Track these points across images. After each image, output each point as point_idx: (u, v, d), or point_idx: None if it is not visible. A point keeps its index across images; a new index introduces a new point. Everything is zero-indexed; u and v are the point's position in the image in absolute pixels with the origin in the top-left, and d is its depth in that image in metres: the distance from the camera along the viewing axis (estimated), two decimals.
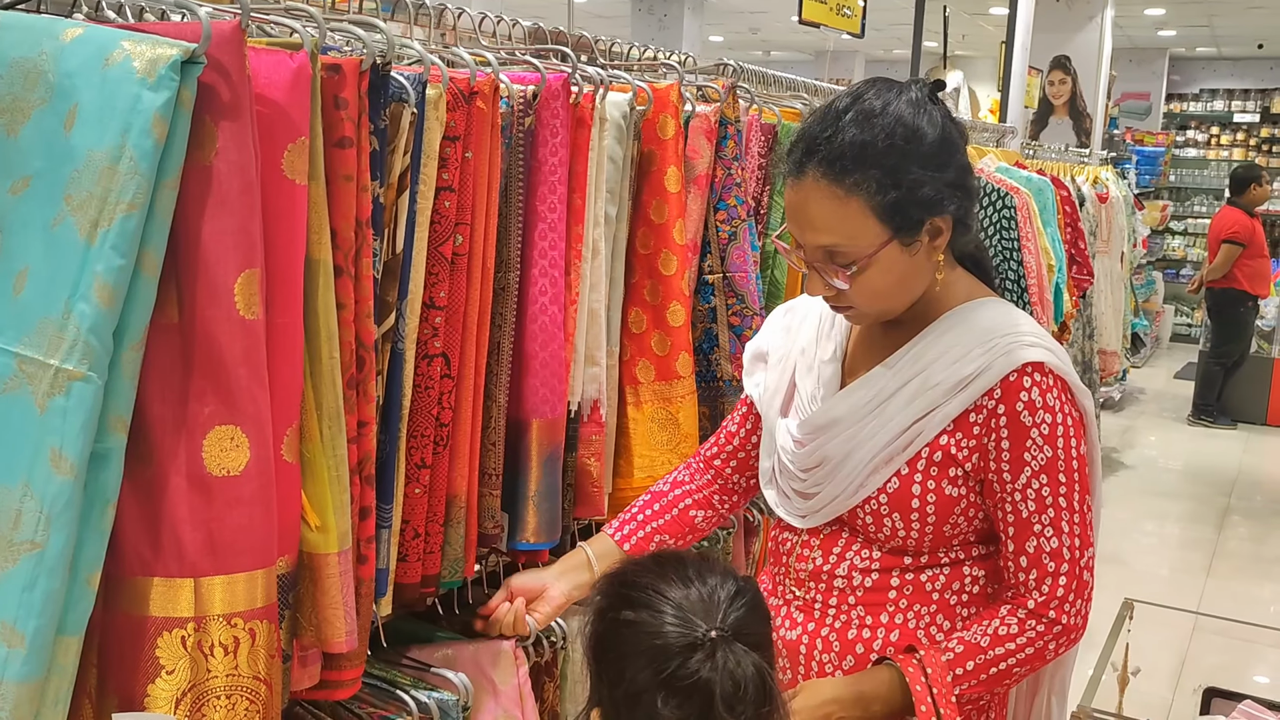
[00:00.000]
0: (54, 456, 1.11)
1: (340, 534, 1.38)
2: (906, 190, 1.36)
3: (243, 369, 1.22)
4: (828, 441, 1.49)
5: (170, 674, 1.24)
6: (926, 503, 1.43)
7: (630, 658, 1.11)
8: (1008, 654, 1.40)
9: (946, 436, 1.42)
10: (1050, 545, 1.40)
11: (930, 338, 1.47)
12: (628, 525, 1.75)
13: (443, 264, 1.58)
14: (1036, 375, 1.39)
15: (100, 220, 1.12)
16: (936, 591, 1.47)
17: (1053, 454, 1.39)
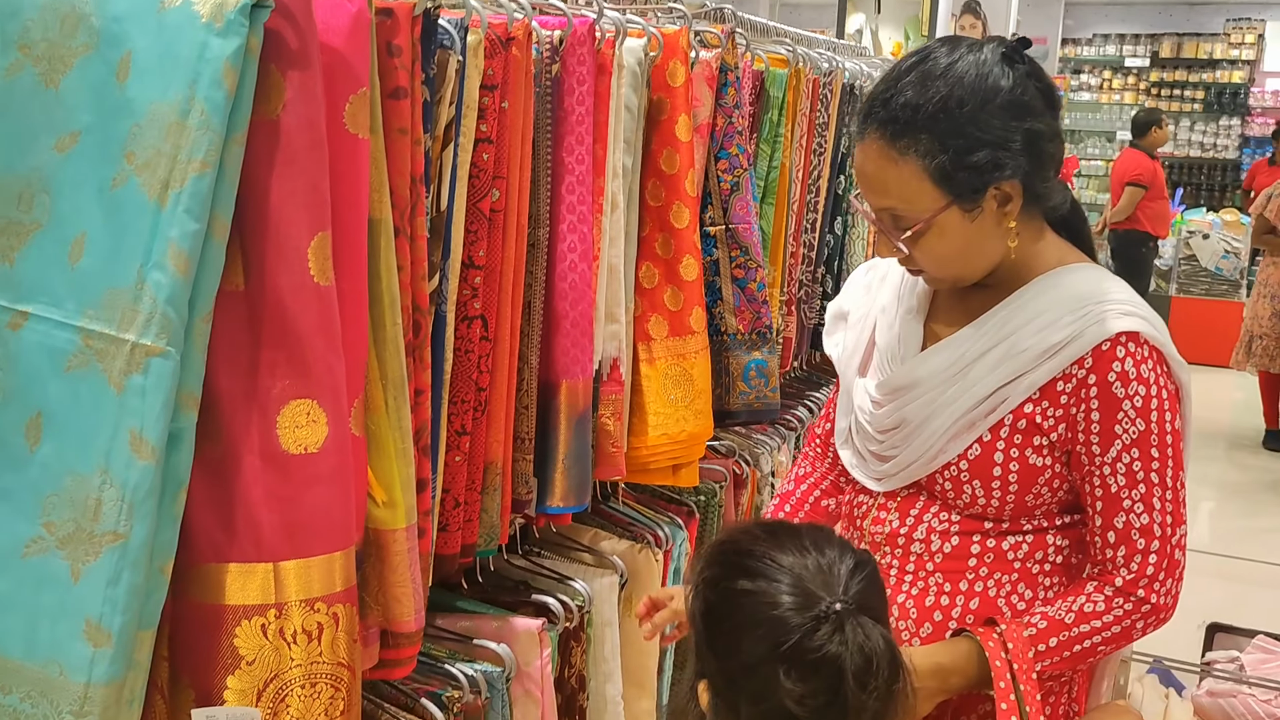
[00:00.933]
0: (134, 440, 1.02)
1: (407, 508, 1.31)
2: (957, 154, 1.32)
3: (319, 339, 1.14)
4: (908, 403, 1.44)
5: (250, 664, 1.16)
6: (1009, 471, 1.39)
7: (748, 629, 1.06)
8: (1093, 631, 1.36)
9: (1031, 405, 1.37)
10: (1140, 522, 1.35)
11: (1019, 302, 1.41)
12: None
13: (481, 221, 1.51)
14: (1131, 345, 1.33)
15: (171, 180, 1.03)
16: (1018, 560, 1.43)
17: (1145, 427, 1.33)
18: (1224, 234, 8.25)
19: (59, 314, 1.05)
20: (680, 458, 2.08)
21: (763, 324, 2.22)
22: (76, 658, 1.04)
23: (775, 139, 2.47)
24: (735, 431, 2.66)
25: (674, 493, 2.31)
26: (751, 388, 2.24)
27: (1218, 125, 12.18)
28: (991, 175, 1.34)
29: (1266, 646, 1.87)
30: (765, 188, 2.47)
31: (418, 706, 1.50)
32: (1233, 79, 12.12)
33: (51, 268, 1.06)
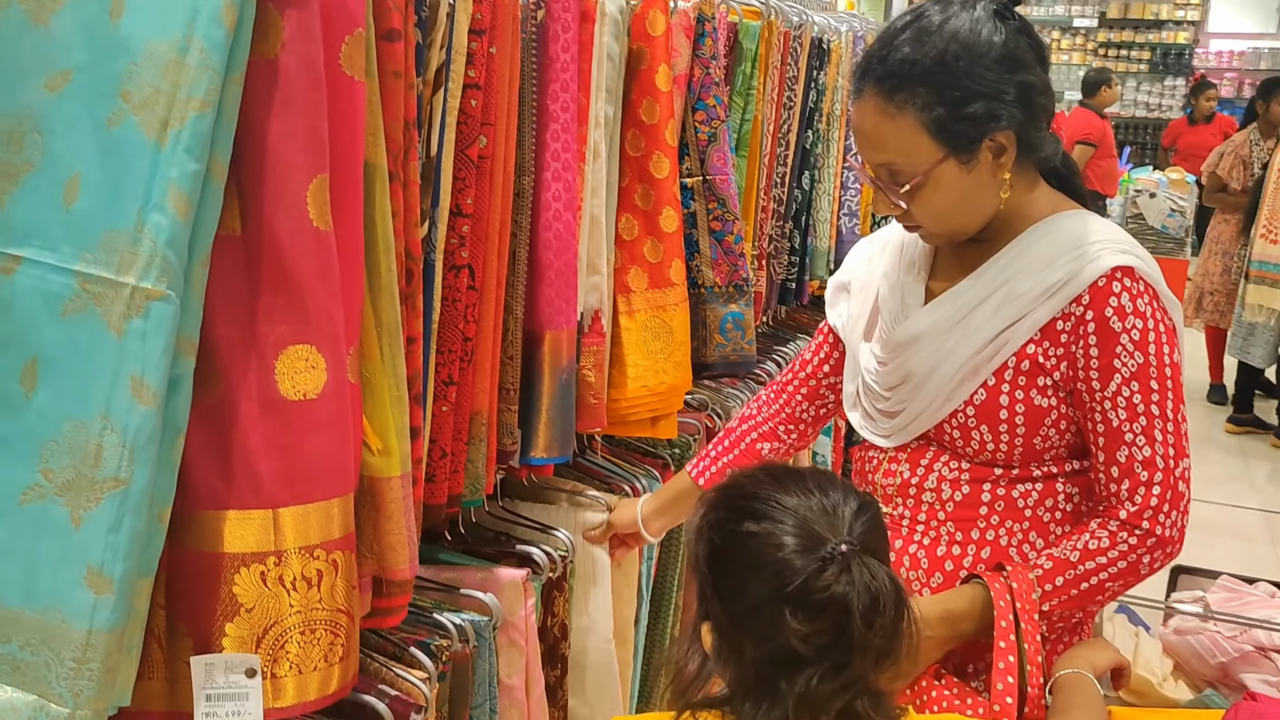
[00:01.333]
0: (135, 384, 1.01)
1: (402, 456, 1.30)
2: (951, 107, 1.35)
3: (317, 284, 1.13)
4: (911, 357, 1.47)
5: (249, 611, 1.16)
6: (1015, 414, 1.41)
7: (753, 570, 1.07)
8: (1099, 568, 1.37)
9: (1034, 345, 1.40)
10: (1143, 454, 1.36)
11: (1016, 250, 1.44)
12: (702, 463, 1.80)
13: (469, 168, 1.49)
14: (1126, 280, 1.36)
15: (170, 120, 1.00)
16: (1029, 508, 1.44)
17: (1144, 360, 1.35)
18: (1170, 192, 8.38)
19: (54, 258, 1.03)
20: (659, 410, 2.08)
21: (739, 276, 2.23)
22: (78, 605, 1.02)
23: (748, 92, 2.46)
24: (706, 386, 2.67)
25: (649, 446, 2.32)
26: (728, 340, 2.25)
27: (1163, 85, 12.35)
28: (987, 126, 1.37)
29: (1230, 586, 1.93)
30: (738, 141, 2.47)
31: (407, 655, 1.49)
32: (1178, 39, 12.28)
33: (45, 210, 1.04)
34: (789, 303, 3.06)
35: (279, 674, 1.17)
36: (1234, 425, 6.01)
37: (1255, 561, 3.97)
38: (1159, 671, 1.79)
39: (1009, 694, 1.30)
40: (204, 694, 1.17)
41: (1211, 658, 1.77)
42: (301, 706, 1.19)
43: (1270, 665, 1.72)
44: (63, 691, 1.03)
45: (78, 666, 1.02)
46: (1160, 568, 1.41)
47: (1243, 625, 1.75)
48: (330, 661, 1.20)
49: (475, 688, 1.58)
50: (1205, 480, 5.18)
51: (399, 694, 1.41)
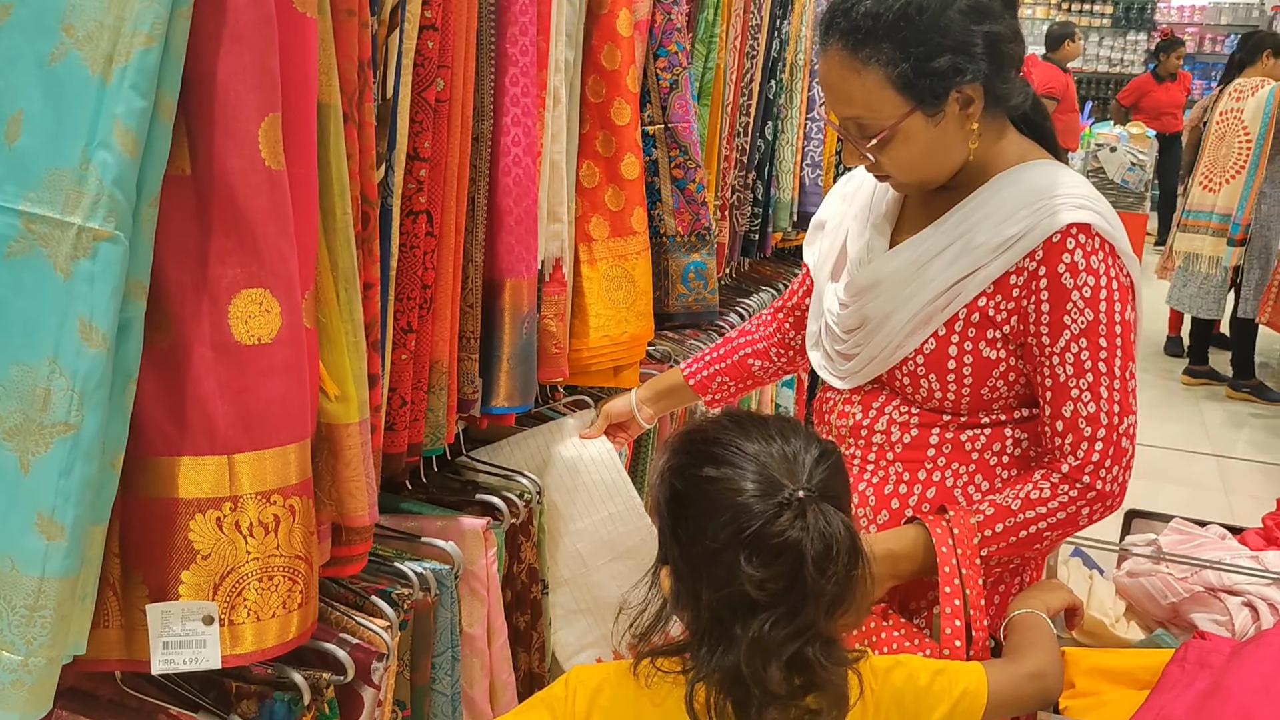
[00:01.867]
0: (83, 327, 0.99)
1: (360, 403, 1.29)
2: (916, 62, 1.34)
3: (270, 225, 1.11)
4: (870, 301, 1.48)
5: (206, 558, 1.15)
6: (963, 364, 1.42)
7: (712, 515, 1.07)
8: (1038, 518, 1.39)
9: (985, 299, 1.40)
10: (1087, 410, 1.37)
11: (977, 200, 1.43)
12: (695, 364, 1.88)
13: (426, 111, 1.47)
14: (1081, 237, 1.36)
15: (115, 55, 0.97)
16: (976, 451, 1.46)
17: (1094, 317, 1.36)
18: (1130, 147, 8.44)
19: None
20: (621, 360, 2.08)
21: (701, 225, 2.22)
22: (29, 551, 1.01)
23: (710, 39, 2.44)
24: (668, 337, 2.67)
25: (609, 396, 2.31)
26: (690, 290, 2.24)
27: (1125, 40, 12.39)
28: (953, 80, 1.35)
29: (1182, 529, 1.96)
30: (700, 89, 2.45)
31: (368, 604, 1.49)
32: None
33: None
34: (752, 254, 3.05)
35: (237, 621, 1.17)
36: (1189, 377, 6.10)
37: (1208, 507, 4.05)
38: (1111, 613, 1.82)
39: (957, 637, 1.32)
40: (161, 642, 1.16)
41: (1163, 598, 1.80)
42: (261, 653, 1.19)
43: (1219, 605, 1.76)
44: (15, 639, 1.01)
45: (30, 614, 1.01)
46: (1099, 519, 1.44)
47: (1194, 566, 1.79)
48: (289, 608, 1.20)
49: (437, 636, 1.58)
50: (1161, 429, 5.27)
51: (360, 642, 1.41)
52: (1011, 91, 1.42)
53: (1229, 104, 5.44)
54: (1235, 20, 11.90)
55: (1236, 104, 5.39)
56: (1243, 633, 1.72)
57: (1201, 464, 4.79)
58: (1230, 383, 5.92)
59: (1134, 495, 2.33)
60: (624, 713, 1.14)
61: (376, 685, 1.41)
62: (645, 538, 1.93)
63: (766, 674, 1.03)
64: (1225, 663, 1.53)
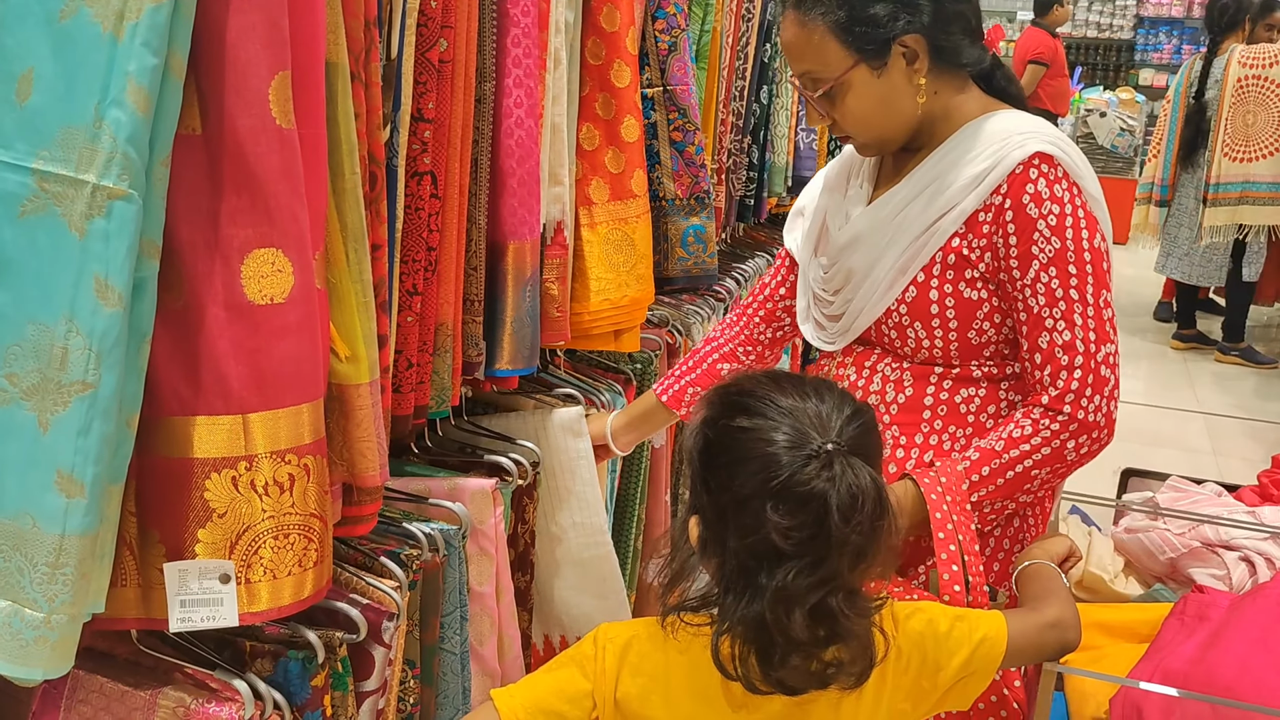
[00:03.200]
0: (99, 286, 0.99)
1: (370, 363, 1.29)
2: (853, 9, 1.41)
3: (282, 184, 1.10)
4: (850, 257, 1.52)
5: (221, 517, 1.15)
6: (945, 308, 1.44)
7: (742, 463, 1.09)
8: (1023, 455, 1.38)
9: (958, 239, 1.43)
10: (1063, 339, 1.37)
11: (945, 148, 1.48)
12: (667, 381, 1.86)
13: (430, 71, 1.46)
14: (1044, 166, 1.38)
15: (126, 12, 0.97)
16: (971, 414, 1.47)
17: (1061, 245, 1.36)
18: (1119, 112, 8.45)
19: (9, 156, 0.99)
20: (622, 323, 2.09)
21: (700, 189, 2.22)
22: (49, 509, 1.01)
23: (707, 2, 2.43)
24: (666, 302, 2.68)
25: (611, 361, 2.32)
26: (690, 253, 2.25)
27: (1114, 6, 12.34)
28: (890, 28, 1.41)
29: (1179, 486, 1.99)
30: (697, 52, 2.44)
31: (377, 565, 1.50)
32: None
33: None
34: (747, 219, 3.06)
35: (253, 579, 1.17)
36: (1179, 342, 6.14)
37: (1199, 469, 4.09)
38: (1110, 569, 1.85)
39: (956, 582, 1.34)
40: (178, 600, 1.16)
41: (1161, 554, 1.82)
42: (276, 611, 1.19)
43: (1217, 560, 1.78)
44: (37, 596, 1.02)
45: (51, 571, 1.02)
46: (1089, 454, 1.42)
47: (1191, 522, 1.81)
48: (304, 566, 1.20)
49: (445, 596, 1.59)
50: (1152, 393, 5.31)
51: (371, 602, 1.42)
52: (960, 48, 1.45)
53: (1245, 72, 5.28)
54: None
55: (1253, 71, 5.27)
56: (1240, 586, 1.75)
57: (1192, 425, 4.83)
58: (1219, 346, 5.96)
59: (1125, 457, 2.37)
60: (653, 666, 1.15)
61: (387, 644, 1.42)
62: (599, 554, 1.99)
63: (790, 621, 1.05)
64: (1223, 616, 1.56)
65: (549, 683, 1.18)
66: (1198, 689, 1.40)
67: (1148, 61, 12.25)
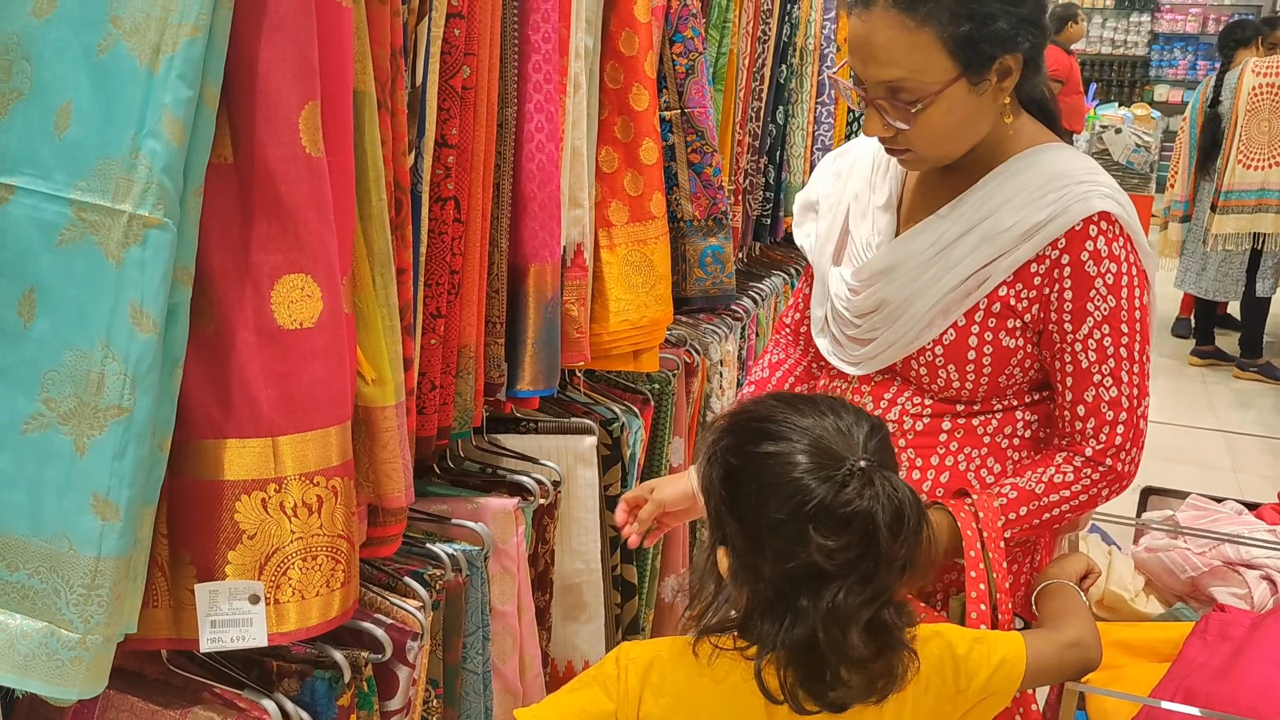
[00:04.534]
0: (134, 313, 1.01)
1: (395, 386, 1.31)
2: (980, 23, 1.29)
3: (311, 211, 1.13)
4: (885, 285, 1.45)
5: (252, 538, 1.17)
6: (983, 355, 1.42)
7: (772, 490, 1.08)
8: (1061, 500, 1.41)
9: (1006, 288, 1.39)
10: (1110, 395, 1.38)
11: (996, 182, 1.41)
12: None
13: (453, 98, 1.49)
14: (1104, 224, 1.35)
15: (162, 45, 0.99)
16: (988, 435, 1.46)
17: (1116, 304, 1.36)
18: (1135, 128, 8.43)
19: (48, 186, 1.02)
20: (641, 343, 2.10)
21: (718, 209, 2.24)
22: (85, 531, 1.03)
23: (724, 25, 2.46)
24: (683, 322, 2.69)
25: (629, 381, 2.34)
26: (708, 274, 2.27)
27: (1128, 22, 12.36)
28: (1006, 46, 1.32)
29: (1199, 505, 1.98)
30: (714, 74, 2.46)
31: (400, 585, 1.52)
32: None
33: (36, 138, 1.03)
34: (764, 239, 3.07)
35: (282, 600, 1.19)
36: (1197, 358, 6.12)
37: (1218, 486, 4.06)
38: (1131, 588, 1.84)
39: (983, 620, 1.33)
40: (208, 620, 1.18)
41: (1181, 573, 1.82)
42: (305, 631, 1.21)
43: (1238, 579, 1.78)
44: (73, 617, 1.04)
45: (87, 593, 1.03)
46: (1113, 498, 1.46)
47: (1212, 541, 1.81)
48: (332, 587, 1.22)
49: (468, 616, 1.61)
50: (1170, 410, 5.30)
51: (395, 622, 1.44)
52: (1044, 65, 1.40)
53: (1258, 81, 5.31)
54: (1239, 1, 11.86)
55: (1266, 79, 5.27)
56: (1261, 605, 1.74)
57: (1211, 443, 4.81)
58: (1238, 362, 5.94)
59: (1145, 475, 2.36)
60: (679, 690, 1.15)
61: (411, 664, 1.43)
62: (589, 579, 2.00)
63: (847, 641, 1.06)
64: (1245, 635, 1.55)
65: (572, 703, 1.19)
66: (1220, 709, 1.40)
67: (1163, 77, 12.24)
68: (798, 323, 1.73)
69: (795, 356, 1.72)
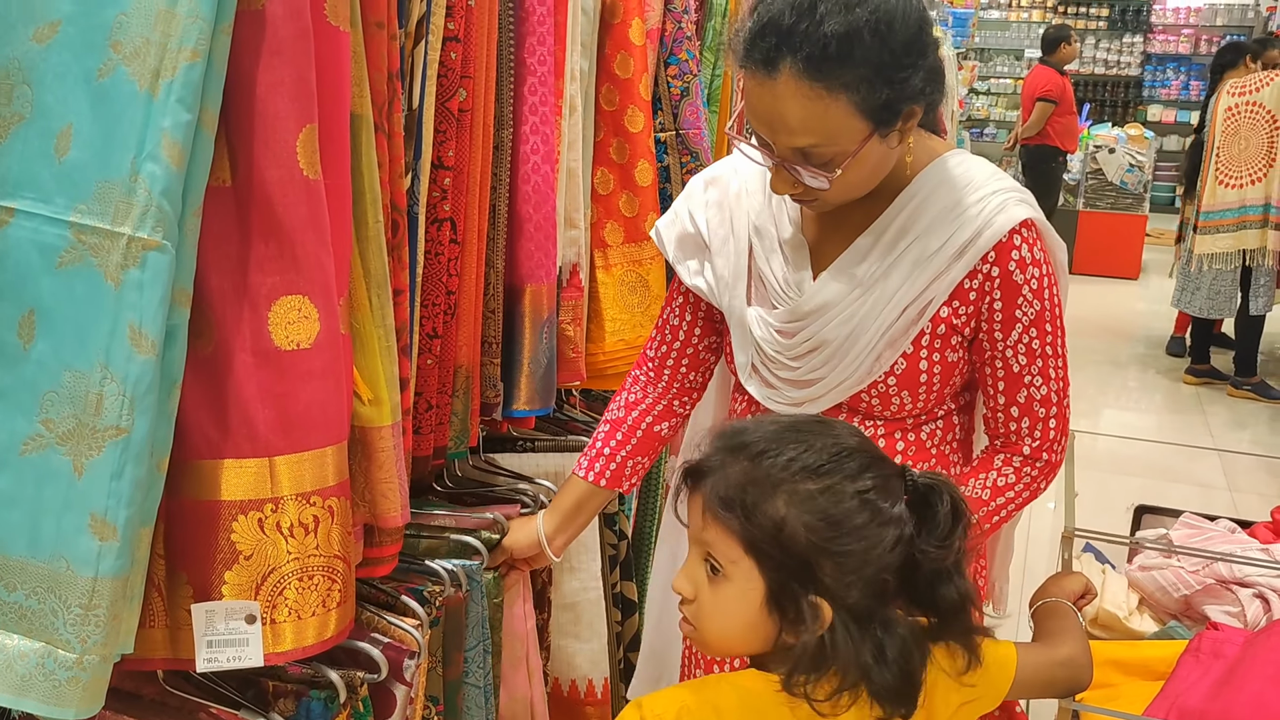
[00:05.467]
0: (133, 334, 1.02)
1: (392, 406, 1.32)
2: (896, 86, 1.25)
3: (309, 233, 1.14)
4: (822, 326, 1.42)
5: (248, 559, 1.18)
6: (933, 375, 1.43)
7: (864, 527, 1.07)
8: (1008, 502, 1.44)
9: (945, 308, 1.40)
10: (1040, 393, 1.42)
11: (913, 204, 1.39)
12: (597, 463, 1.63)
13: (450, 121, 1.50)
14: (1025, 231, 1.37)
15: (162, 70, 1.01)
16: (934, 445, 1.49)
17: (1041, 306, 1.38)
18: (1128, 148, 8.49)
19: (48, 209, 1.03)
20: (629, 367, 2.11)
21: None
22: (83, 552, 1.04)
23: (719, 47, 2.47)
24: None
25: None
26: None
27: (1121, 43, 12.45)
28: (917, 100, 1.30)
29: (1192, 523, 1.99)
30: (709, 96, 2.48)
31: (399, 604, 1.52)
32: None
33: (37, 162, 1.04)
34: None
35: (278, 619, 1.20)
36: (1192, 376, 6.13)
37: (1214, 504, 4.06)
38: (1125, 606, 1.85)
39: None
40: (205, 640, 1.19)
41: (1175, 591, 1.83)
42: (301, 651, 1.22)
43: (1231, 597, 1.79)
44: (70, 638, 1.04)
45: (84, 613, 1.04)
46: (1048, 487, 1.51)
47: (1205, 559, 1.82)
48: (328, 607, 1.23)
49: (469, 630, 1.61)
50: (1165, 429, 5.31)
51: (392, 641, 1.44)
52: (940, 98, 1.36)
53: (1234, 100, 5.36)
54: (1230, 22, 11.95)
55: (1243, 98, 5.33)
56: (1255, 623, 1.75)
57: (1205, 461, 4.81)
58: (1232, 381, 5.96)
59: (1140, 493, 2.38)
60: None
61: (409, 682, 1.43)
62: (590, 598, 2.00)
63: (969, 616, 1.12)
64: (1239, 653, 1.56)
65: None
66: None
67: (1155, 98, 12.33)
68: (664, 356, 1.65)
69: (655, 395, 1.65)
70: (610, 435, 1.64)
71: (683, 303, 1.62)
